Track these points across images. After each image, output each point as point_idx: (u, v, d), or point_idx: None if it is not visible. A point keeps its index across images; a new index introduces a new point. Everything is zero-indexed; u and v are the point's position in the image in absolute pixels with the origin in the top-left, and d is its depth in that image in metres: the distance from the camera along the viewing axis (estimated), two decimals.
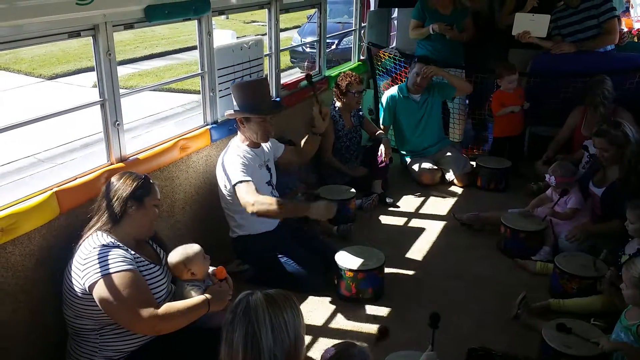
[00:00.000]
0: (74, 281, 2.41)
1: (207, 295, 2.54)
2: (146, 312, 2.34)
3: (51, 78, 12.33)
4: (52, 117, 2.87)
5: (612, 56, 5.15)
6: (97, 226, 2.53)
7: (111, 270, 2.35)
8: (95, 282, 2.33)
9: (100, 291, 2.33)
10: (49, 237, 2.70)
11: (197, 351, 2.52)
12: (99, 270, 2.34)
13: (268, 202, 3.37)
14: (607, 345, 2.61)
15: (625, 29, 8.03)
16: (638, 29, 8.99)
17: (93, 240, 2.46)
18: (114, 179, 2.62)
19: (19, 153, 7.30)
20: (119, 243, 2.48)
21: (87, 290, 2.36)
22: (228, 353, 1.62)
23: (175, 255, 2.70)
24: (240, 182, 3.38)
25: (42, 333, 2.72)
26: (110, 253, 2.40)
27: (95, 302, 2.35)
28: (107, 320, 2.43)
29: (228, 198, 3.57)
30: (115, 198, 2.54)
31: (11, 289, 2.56)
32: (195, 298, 2.54)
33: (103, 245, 2.43)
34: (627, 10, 10.06)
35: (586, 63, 4.97)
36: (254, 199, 3.33)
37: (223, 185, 3.55)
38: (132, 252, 2.50)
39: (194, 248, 2.73)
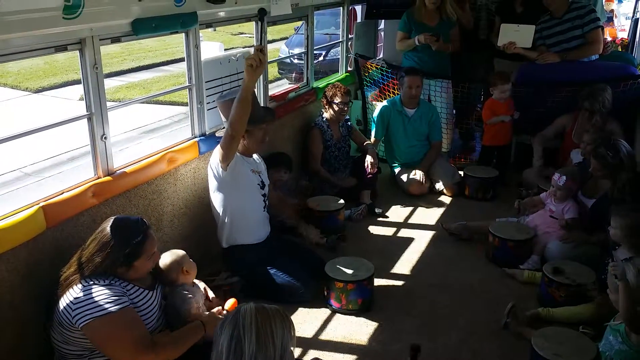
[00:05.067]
0: (63, 317, 2.36)
1: (203, 319, 2.61)
2: (139, 350, 2.34)
3: (38, 91, 12.24)
4: (39, 132, 2.84)
5: (597, 66, 5.20)
6: (82, 272, 2.42)
7: (103, 312, 2.32)
8: (88, 324, 2.31)
9: (94, 333, 2.33)
10: (35, 252, 2.67)
11: None
12: (90, 312, 2.31)
13: None
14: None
15: (609, 39, 8.16)
16: (621, 38, 9.14)
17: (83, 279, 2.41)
18: (104, 229, 2.47)
19: (5, 167, 7.24)
20: (109, 279, 2.43)
21: (79, 329, 2.33)
22: (215, 356, 1.67)
23: (169, 259, 2.77)
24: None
25: (30, 349, 2.68)
26: (99, 293, 2.35)
27: (85, 334, 2.35)
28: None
29: (218, 194, 3.56)
30: (101, 259, 2.42)
31: None
32: (189, 325, 2.58)
33: (91, 283, 2.38)
34: (611, 20, 10.23)
35: (571, 73, 5.03)
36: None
37: (212, 175, 3.53)
38: (124, 284, 2.47)
39: (179, 251, 2.86)
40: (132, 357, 2.36)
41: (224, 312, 2.83)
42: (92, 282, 2.38)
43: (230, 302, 2.88)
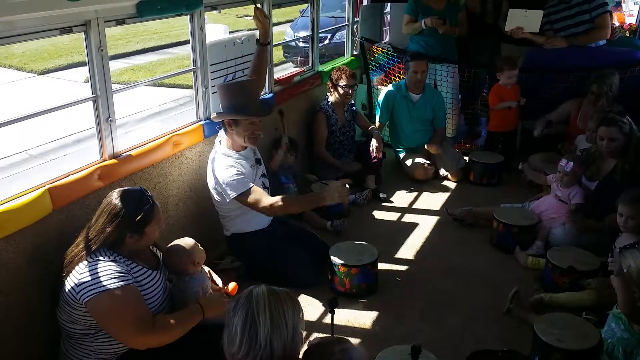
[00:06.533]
0: (69, 294, 2.38)
1: (201, 303, 2.59)
2: (139, 329, 2.36)
3: (43, 73, 12.24)
4: (44, 114, 2.84)
5: (604, 51, 5.17)
6: (89, 248, 2.43)
7: (105, 288, 2.32)
8: (91, 299, 2.32)
9: (96, 308, 2.33)
10: (41, 234, 2.68)
11: (191, 348, 2.53)
12: (93, 287, 2.32)
13: (283, 202, 3.33)
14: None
15: (617, 24, 8.08)
16: (630, 23, 9.04)
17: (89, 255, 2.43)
18: (111, 201, 2.47)
19: (10, 149, 7.26)
20: (113, 256, 2.44)
21: (83, 305, 2.35)
22: (228, 337, 1.68)
23: (179, 250, 2.73)
24: (243, 193, 3.33)
25: (37, 329, 2.71)
26: (104, 269, 2.36)
27: (88, 311, 2.36)
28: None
29: (223, 206, 3.55)
30: (112, 228, 2.43)
31: (5, 286, 2.55)
32: (188, 308, 2.57)
33: (96, 259, 2.39)
34: (619, 4, 10.11)
35: (578, 58, 5.00)
36: (269, 203, 3.31)
37: (216, 193, 3.50)
38: (128, 262, 2.47)
39: (190, 240, 2.80)
40: (132, 335, 2.37)
41: (225, 295, 2.83)
42: (97, 259, 2.39)
43: (231, 286, 2.88)
